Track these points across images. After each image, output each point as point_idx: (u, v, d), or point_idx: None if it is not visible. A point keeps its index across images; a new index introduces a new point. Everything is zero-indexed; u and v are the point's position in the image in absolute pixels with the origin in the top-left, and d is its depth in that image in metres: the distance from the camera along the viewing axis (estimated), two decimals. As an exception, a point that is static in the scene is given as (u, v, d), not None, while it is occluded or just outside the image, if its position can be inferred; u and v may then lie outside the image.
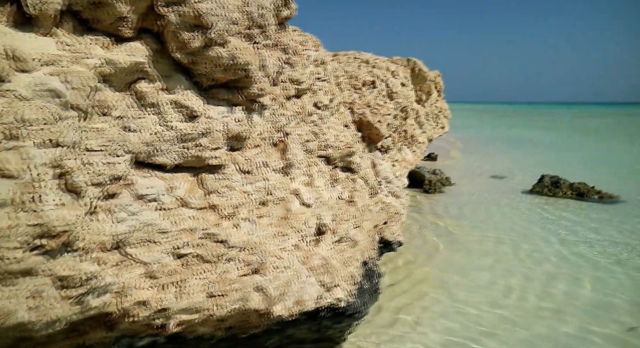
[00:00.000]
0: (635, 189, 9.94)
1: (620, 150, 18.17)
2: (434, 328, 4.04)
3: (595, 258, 5.70)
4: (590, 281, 5.01)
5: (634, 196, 9.26)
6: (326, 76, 4.14)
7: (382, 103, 5.21)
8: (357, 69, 5.35)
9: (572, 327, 4.08)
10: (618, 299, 4.60)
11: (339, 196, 3.71)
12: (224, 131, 2.40)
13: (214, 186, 2.36)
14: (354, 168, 4.00)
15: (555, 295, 4.70)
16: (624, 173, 12.36)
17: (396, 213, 4.48)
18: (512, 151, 17.59)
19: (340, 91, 4.57)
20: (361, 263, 3.47)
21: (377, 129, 5.03)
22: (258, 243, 2.46)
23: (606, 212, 8.01)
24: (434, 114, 7.05)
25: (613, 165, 13.97)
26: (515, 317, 4.23)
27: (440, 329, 4.03)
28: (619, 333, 3.98)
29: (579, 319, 4.21)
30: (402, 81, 5.63)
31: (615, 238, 6.53)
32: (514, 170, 12.59)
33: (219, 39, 2.17)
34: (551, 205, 8.54)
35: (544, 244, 6.23)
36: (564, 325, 4.11)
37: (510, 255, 5.79)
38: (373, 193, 4.35)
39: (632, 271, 5.26)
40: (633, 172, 12.59)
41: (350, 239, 3.40)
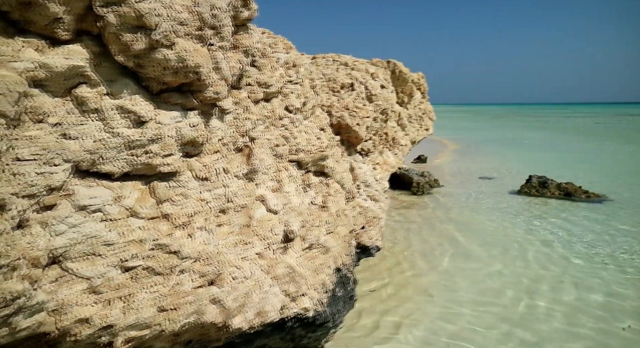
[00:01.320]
0: (622, 188, 9.87)
1: (609, 150, 18.14)
2: (416, 335, 3.92)
3: (579, 257, 5.60)
4: (573, 280, 4.91)
5: (620, 195, 9.19)
6: (299, 79, 4.03)
7: (361, 106, 5.09)
8: (336, 71, 5.24)
9: (560, 328, 3.97)
10: (601, 297, 4.50)
11: (311, 201, 3.59)
12: (176, 136, 2.27)
13: (166, 195, 2.24)
14: (327, 172, 3.88)
15: (541, 295, 4.59)
16: (612, 172, 12.30)
17: (374, 217, 4.37)
18: (502, 152, 17.52)
19: (316, 94, 4.45)
20: (334, 270, 3.35)
21: (356, 132, 4.92)
22: (215, 253, 2.34)
23: (593, 211, 7.92)
24: (418, 116, 6.94)
25: (601, 165, 13.91)
26: (500, 319, 4.12)
27: (422, 335, 3.91)
28: (614, 330, 3.87)
29: (568, 318, 4.10)
30: (381, 83, 5.52)
31: (600, 236, 6.43)
32: (503, 171, 12.51)
33: (165, 40, 2.05)
34: (539, 205, 8.45)
35: (530, 245, 6.12)
36: (552, 325, 4.00)
37: (496, 257, 5.68)
38: (350, 197, 4.23)
39: (617, 269, 5.16)
40: (620, 171, 12.53)
41: (322, 245, 3.28)
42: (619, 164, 14.08)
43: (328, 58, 5.48)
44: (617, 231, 6.73)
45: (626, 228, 6.86)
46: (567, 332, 3.93)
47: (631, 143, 21.45)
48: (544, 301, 4.47)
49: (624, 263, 5.43)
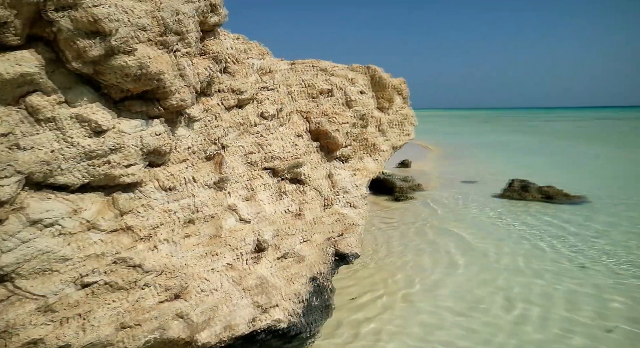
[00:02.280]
0: (602, 190, 9.92)
1: (589, 152, 18.31)
2: (396, 342, 3.85)
3: (559, 259, 5.58)
4: (555, 284, 4.88)
5: (600, 197, 9.23)
6: (274, 85, 3.96)
7: (340, 111, 5.03)
8: (315, 77, 5.17)
9: (543, 332, 3.91)
10: (583, 297, 4.47)
11: (286, 209, 3.51)
12: (139, 145, 2.18)
13: (128, 206, 2.14)
14: (303, 180, 3.81)
15: (523, 300, 4.53)
16: (592, 175, 12.39)
17: (353, 224, 4.29)
18: (484, 156, 17.59)
19: (293, 100, 4.38)
20: (309, 279, 3.27)
21: (334, 138, 4.85)
22: (180, 265, 2.25)
23: (573, 213, 7.93)
24: (399, 121, 6.88)
25: (582, 167, 14.01)
26: (481, 325, 4.05)
27: (404, 344, 3.84)
28: (600, 333, 3.83)
29: (550, 324, 4.05)
30: (361, 89, 5.46)
31: (579, 238, 6.43)
32: (486, 175, 12.53)
33: (124, 46, 1.96)
34: (520, 209, 8.45)
35: (511, 249, 6.09)
36: (534, 332, 3.94)
37: (479, 262, 5.63)
38: (327, 204, 4.16)
39: (598, 271, 5.15)
40: (600, 173, 12.63)
41: (297, 254, 3.20)
42: (599, 166, 14.21)
43: (307, 64, 5.40)
44: (597, 232, 6.74)
45: (604, 229, 6.87)
46: (556, 335, 3.88)
47: (611, 146, 21.70)
48: (526, 306, 4.41)
49: (604, 265, 5.42)
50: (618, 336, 3.89)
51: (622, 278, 5.08)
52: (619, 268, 5.39)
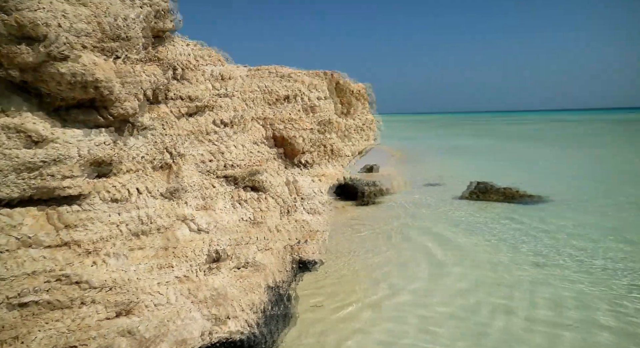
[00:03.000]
0: (557, 190, 10.19)
1: (545, 155, 18.82)
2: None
3: (518, 258, 5.66)
4: (514, 283, 4.93)
5: (556, 196, 9.47)
6: (230, 92, 3.88)
7: (300, 118, 4.99)
8: (274, 83, 5.11)
9: (501, 332, 3.94)
10: (540, 292, 4.53)
11: (243, 217, 3.43)
12: (83, 156, 2.07)
13: (70, 220, 2.04)
14: (262, 187, 3.74)
15: (488, 303, 4.54)
16: (548, 175, 12.72)
17: (315, 230, 4.24)
18: (446, 159, 17.86)
19: (250, 106, 4.31)
20: (268, 288, 3.20)
21: (294, 145, 4.80)
22: (127, 280, 2.15)
23: (530, 214, 8.09)
24: (361, 127, 6.89)
25: (539, 169, 14.38)
26: (447, 329, 4.03)
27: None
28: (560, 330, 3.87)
29: (513, 321, 4.08)
30: (321, 95, 5.43)
31: (537, 236, 6.55)
32: (449, 177, 12.70)
33: (58, 53, 1.87)
34: (481, 210, 8.57)
35: (472, 250, 6.14)
36: (497, 331, 3.96)
37: (443, 264, 5.64)
38: (288, 211, 4.10)
39: (552, 268, 5.24)
40: (556, 174, 12.99)
41: (254, 263, 3.13)
42: (554, 167, 14.61)
43: (267, 70, 5.35)
44: (553, 230, 6.89)
45: (559, 227, 7.03)
46: (518, 334, 3.90)
47: (565, 147, 22.38)
48: (492, 308, 4.43)
49: (560, 261, 5.53)
50: (575, 329, 3.95)
51: (578, 273, 5.18)
52: (574, 263, 5.51)
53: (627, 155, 17.71)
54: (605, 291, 4.93)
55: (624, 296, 4.83)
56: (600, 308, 4.51)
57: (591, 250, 6.28)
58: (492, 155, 19.25)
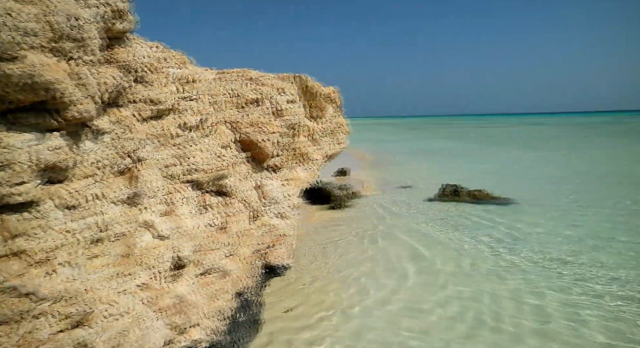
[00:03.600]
0: (526, 192, 10.37)
1: (516, 157, 19.18)
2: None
3: (489, 257, 5.71)
4: (489, 286, 4.97)
5: (524, 198, 9.63)
6: (196, 95, 3.80)
7: (269, 121, 4.92)
8: (242, 86, 5.04)
9: (474, 331, 3.95)
10: (507, 292, 4.57)
11: (210, 223, 3.35)
12: (33, 161, 1.98)
13: (19, 229, 1.94)
14: (228, 191, 3.67)
15: (458, 305, 4.56)
16: (518, 178, 12.95)
17: (283, 235, 4.19)
18: (418, 162, 18.03)
19: (217, 110, 4.23)
20: (234, 295, 3.13)
21: (263, 148, 4.74)
22: (83, 290, 2.05)
23: (500, 215, 8.20)
24: (331, 130, 6.86)
25: (509, 171, 14.63)
26: (418, 333, 4.02)
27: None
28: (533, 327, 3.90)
29: (488, 323, 4.10)
30: (290, 98, 5.38)
31: (507, 237, 6.64)
32: (420, 180, 12.80)
33: (6, 53, 1.77)
34: (451, 212, 8.64)
35: (441, 253, 6.17)
36: (470, 333, 3.97)
37: (413, 266, 5.66)
38: (256, 215, 4.03)
39: (523, 263, 5.30)
40: (526, 176, 13.23)
41: (220, 269, 3.05)
42: (524, 169, 14.89)
43: (235, 73, 5.27)
44: (522, 231, 7.00)
45: (528, 228, 7.15)
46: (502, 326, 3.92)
47: (535, 150, 22.85)
48: (461, 310, 4.44)
49: (531, 262, 5.60)
50: (553, 327, 4.00)
51: (550, 274, 5.26)
52: (545, 263, 5.59)
53: (594, 157, 18.16)
54: (555, 282, 5.03)
55: (575, 292, 4.89)
56: (558, 303, 4.58)
57: (554, 248, 6.39)
58: (463, 158, 19.51)
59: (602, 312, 4.30)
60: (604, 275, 5.21)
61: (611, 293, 4.71)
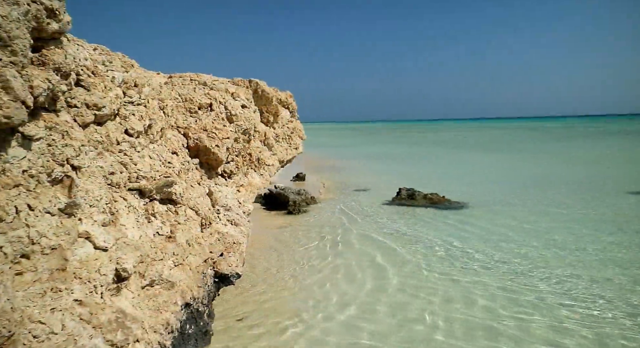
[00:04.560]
0: (478, 195, 10.60)
1: (470, 161, 19.64)
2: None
3: (444, 260, 5.76)
4: (436, 288, 5.00)
5: (476, 201, 9.83)
6: (142, 99, 3.64)
7: (221, 126, 4.80)
8: (193, 91, 4.90)
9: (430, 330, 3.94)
10: (459, 294, 4.61)
11: (156, 232, 3.20)
12: (-49, 170, 1.81)
13: None
14: (179, 199, 3.53)
15: (414, 306, 4.56)
16: (471, 181, 13.23)
17: (234, 242, 4.07)
18: (375, 166, 18.20)
19: (166, 115, 4.08)
20: (182, 306, 2.99)
21: (215, 154, 4.61)
22: (10, 308, 1.89)
23: (453, 218, 8.33)
24: (286, 135, 6.79)
25: (463, 174, 14.94)
26: (369, 338, 3.99)
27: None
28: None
29: (440, 326, 4.10)
30: (243, 103, 5.28)
31: (460, 240, 6.73)
32: (377, 184, 12.89)
33: None
34: (408, 216, 8.72)
35: (398, 256, 6.19)
36: (428, 335, 3.96)
37: (370, 270, 5.64)
38: (206, 223, 3.90)
39: (478, 270, 5.37)
40: (479, 179, 13.53)
41: (166, 280, 2.92)
42: (477, 172, 15.24)
43: (185, 77, 5.12)
44: (475, 234, 7.12)
45: (481, 231, 7.28)
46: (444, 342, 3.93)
47: (487, 153, 23.49)
48: (417, 316, 4.44)
49: (482, 264, 5.68)
50: (510, 323, 4.05)
51: (500, 275, 5.34)
52: (496, 265, 5.68)
53: (542, 160, 18.78)
54: (505, 283, 5.12)
55: (530, 291, 4.99)
56: (507, 302, 4.65)
57: (504, 250, 6.51)
58: (419, 162, 19.81)
59: (546, 310, 4.39)
60: (550, 275, 5.34)
61: (554, 292, 4.84)
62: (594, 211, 8.69)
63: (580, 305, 4.50)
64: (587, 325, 4.10)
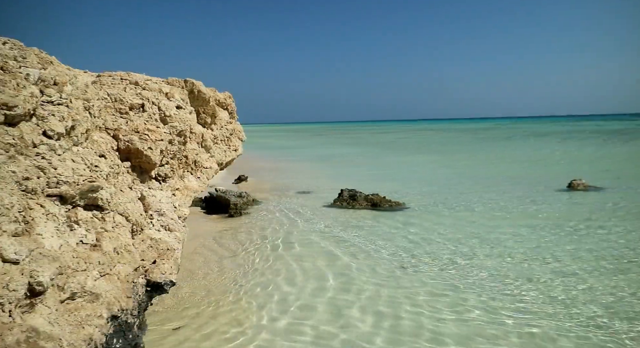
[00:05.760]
0: (417, 195, 10.81)
1: (408, 162, 20.08)
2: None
3: (384, 261, 5.78)
4: (380, 283, 4.99)
5: (416, 202, 10.01)
6: (64, 99, 3.38)
7: (154, 128, 4.57)
8: (124, 91, 4.64)
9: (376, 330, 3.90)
10: (400, 296, 4.62)
11: (83, 240, 2.97)
12: None
13: None
14: (106, 205, 3.30)
15: (352, 315, 4.50)
16: (411, 181, 13.49)
17: (169, 249, 3.86)
18: (320, 167, 18.23)
19: (93, 116, 3.82)
20: (109, 318, 2.78)
21: (148, 157, 4.38)
22: None
23: (394, 219, 8.43)
24: (225, 137, 6.60)
25: (403, 175, 15.23)
26: (316, 343, 3.89)
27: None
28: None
29: (385, 326, 4.07)
30: (178, 104, 5.06)
31: (400, 241, 6.79)
32: (319, 185, 12.87)
33: None
34: (349, 217, 8.72)
35: (339, 258, 6.15)
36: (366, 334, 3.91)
37: (311, 275, 5.54)
38: (138, 229, 3.67)
39: (416, 272, 5.42)
40: (418, 180, 13.82)
41: (90, 292, 2.70)
42: (416, 173, 15.58)
43: (115, 76, 4.85)
44: (415, 235, 7.21)
45: (421, 232, 7.39)
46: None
47: (425, 154, 24.13)
48: (360, 316, 4.39)
49: (423, 265, 5.74)
50: (448, 324, 4.07)
51: (441, 274, 5.41)
52: (437, 264, 5.75)
53: (479, 160, 19.48)
54: (447, 282, 5.21)
55: (468, 290, 5.08)
56: (449, 301, 4.71)
57: (444, 249, 6.62)
58: (361, 163, 20.01)
59: (487, 309, 4.48)
60: (490, 274, 5.47)
61: (493, 288, 4.96)
62: (526, 207, 9.06)
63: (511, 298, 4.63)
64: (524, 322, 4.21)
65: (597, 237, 6.87)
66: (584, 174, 12.13)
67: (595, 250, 6.20)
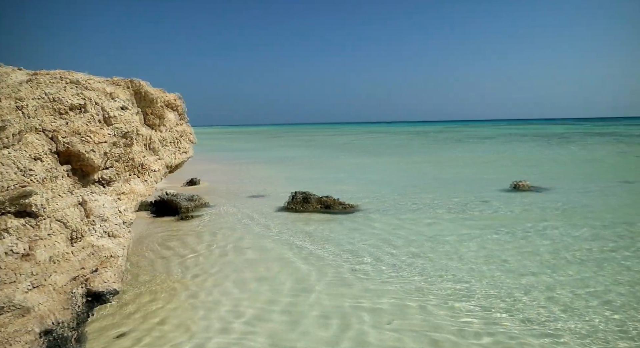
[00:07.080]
0: (370, 198, 10.86)
1: (364, 163, 20.23)
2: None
3: (333, 265, 5.73)
4: (331, 287, 4.94)
5: (368, 204, 10.05)
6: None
7: (96, 129, 4.34)
8: (63, 90, 4.38)
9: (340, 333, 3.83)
10: (349, 299, 4.59)
11: (13, 249, 2.76)
12: None
13: None
14: (37, 211, 3.08)
15: (306, 316, 4.42)
16: (363, 183, 13.57)
17: (112, 256, 3.67)
18: (272, 170, 18.06)
19: (27, 116, 3.57)
20: (41, 333, 2.59)
21: (89, 160, 4.15)
22: None
23: (347, 222, 8.41)
24: (174, 139, 6.39)
25: (355, 177, 15.30)
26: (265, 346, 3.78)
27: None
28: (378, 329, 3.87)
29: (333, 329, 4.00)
30: (122, 104, 4.83)
31: (351, 244, 6.78)
32: (272, 188, 12.73)
33: None
34: (302, 220, 8.64)
35: (290, 262, 6.05)
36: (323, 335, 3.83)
37: (263, 278, 5.42)
38: (77, 236, 3.46)
39: (365, 275, 5.40)
40: (368, 182, 13.92)
41: (18, 306, 2.50)
42: (368, 175, 15.69)
43: (54, 75, 4.57)
44: (367, 237, 7.22)
45: (374, 233, 7.41)
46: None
47: (378, 156, 24.41)
48: (312, 320, 4.31)
49: (372, 267, 5.73)
50: (396, 327, 4.05)
51: (391, 279, 5.41)
52: (386, 268, 5.76)
53: (433, 163, 19.86)
54: (395, 286, 5.21)
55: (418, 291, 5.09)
56: (396, 304, 4.70)
57: (395, 252, 6.64)
58: (313, 165, 20.00)
59: (446, 310, 4.51)
60: (448, 278, 5.52)
61: (444, 288, 5.00)
62: (475, 208, 9.28)
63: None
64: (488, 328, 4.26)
65: (544, 236, 7.11)
66: (527, 175, 12.57)
67: (543, 246, 6.40)
